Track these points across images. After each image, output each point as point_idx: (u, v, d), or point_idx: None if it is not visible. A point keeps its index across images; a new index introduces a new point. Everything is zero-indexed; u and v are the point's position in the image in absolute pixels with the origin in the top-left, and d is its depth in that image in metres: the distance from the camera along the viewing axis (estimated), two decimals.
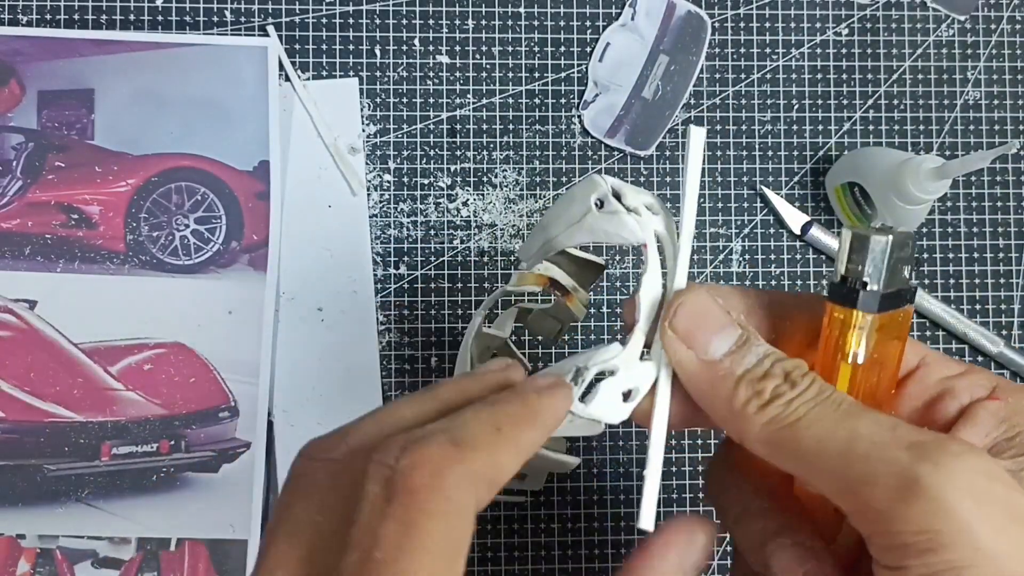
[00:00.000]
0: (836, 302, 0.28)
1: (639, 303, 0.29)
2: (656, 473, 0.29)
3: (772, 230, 0.52)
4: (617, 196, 0.30)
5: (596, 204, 0.30)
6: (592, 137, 0.52)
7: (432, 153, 0.51)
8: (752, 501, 0.30)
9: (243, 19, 0.51)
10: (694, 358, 0.28)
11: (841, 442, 0.24)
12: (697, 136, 0.29)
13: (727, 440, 0.32)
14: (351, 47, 0.51)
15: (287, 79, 0.51)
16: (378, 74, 0.51)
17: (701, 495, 0.51)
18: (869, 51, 0.53)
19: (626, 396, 0.29)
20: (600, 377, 0.29)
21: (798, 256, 0.52)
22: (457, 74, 0.52)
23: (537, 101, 0.52)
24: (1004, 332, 0.53)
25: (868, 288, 0.28)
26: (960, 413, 0.29)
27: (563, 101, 0.52)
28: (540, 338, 0.50)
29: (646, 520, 0.28)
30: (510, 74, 0.52)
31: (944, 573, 0.22)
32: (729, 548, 0.51)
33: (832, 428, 0.25)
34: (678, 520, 0.26)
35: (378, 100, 0.51)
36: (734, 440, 0.28)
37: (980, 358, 0.52)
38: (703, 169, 0.52)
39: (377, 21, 0.51)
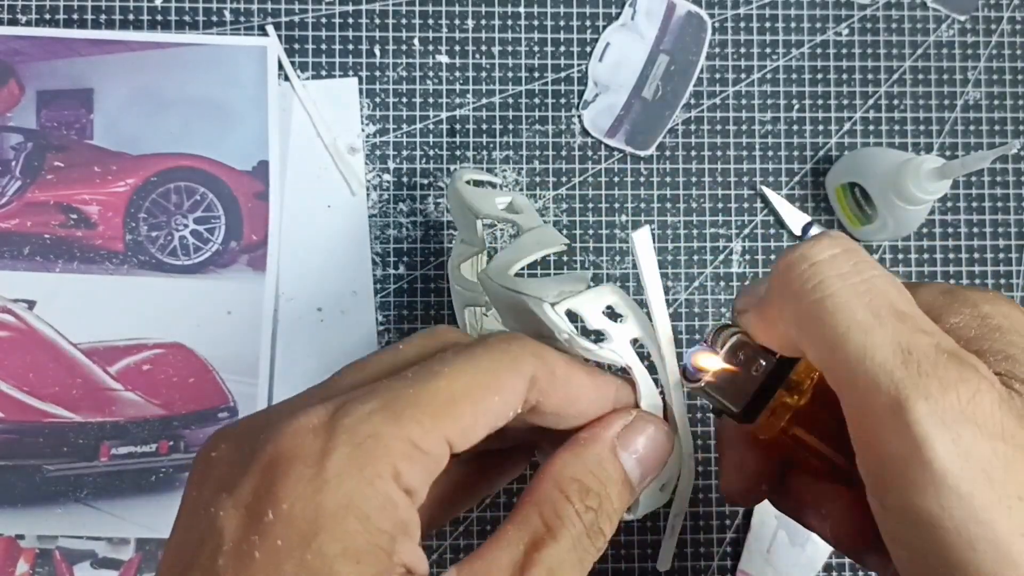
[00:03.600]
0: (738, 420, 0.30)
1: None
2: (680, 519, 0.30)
3: (772, 230, 0.52)
4: (574, 317, 0.29)
5: (564, 340, 0.29)
6: (592, 137, 0.52)
7: (432, 153, 0.51)
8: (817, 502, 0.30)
9: (242, 19, 0.51)
10: (747, 316, 0.29)
11: (861, 344, 0.24)
12: (642, 239, 0.28)
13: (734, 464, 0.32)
14: (350, 47, 0.51)
15: (286, 79, 0.50)
16: (378, 74, 0.51)
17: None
18: (869, 51, 0.53)
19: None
20: None
21: None
22: (457, 74, 0.52)
23: (537, 101, 0.52)
24: None
25: (735, 412, 0.29)
26: None
27: (563, 101, 0.52)
28: None
29: (663, 562, 0.29)
30: (510, 74, 0.52)
31: (913, 510, 0.22)
32: (729, 549, 0.51)
33: (856, 325, 0.24)
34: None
35: (377, 100, 0.51)
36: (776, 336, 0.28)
37: None
38: (704, 170, 0.52)
39: (377, 21, 0.51)
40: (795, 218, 0.52)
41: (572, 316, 0.29)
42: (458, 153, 0.51)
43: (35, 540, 0.48)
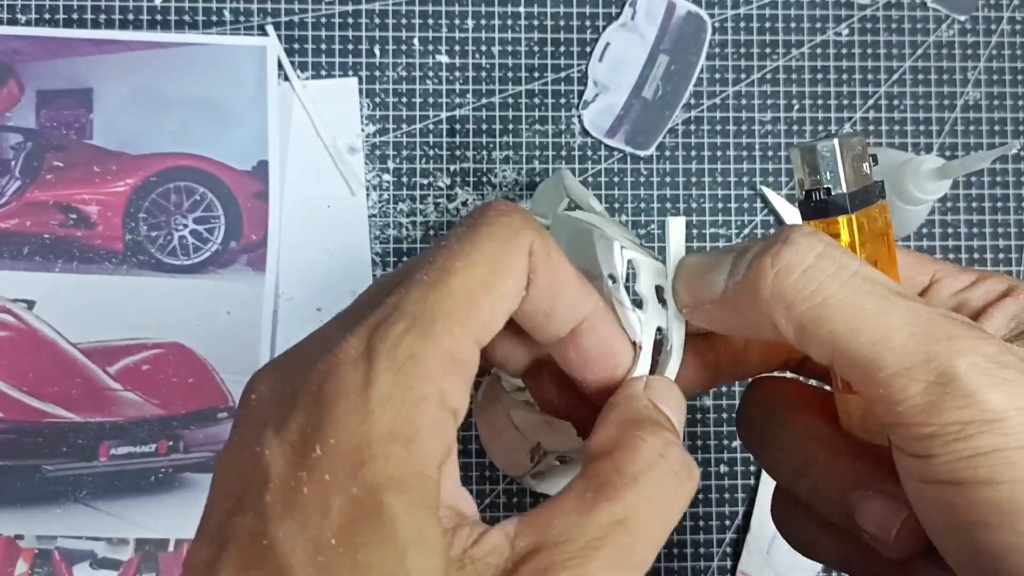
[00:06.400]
0: (810, 218, 0.28)
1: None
2: None
3: (772, 230, 0.52)
4: (632, 273, 0.29)
5: (609, 279, 0.29)
6: (592, 137, 0.52)
7: (431, 153, 0.51)
8: (815, 451, 0.29)
9: (242, 18, 0.51)
10: (705, 309, 0.28)
11: (877, 332, 0.24)
12: (676, 227, 0.29)
13: (764, 390, 0.32)
14: (350, 47, 0.51)
15: (286, 79, 0.50)
16: (377, 74, 0.51)
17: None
18: (869, 51, 0.53)
19: None
20: None
21: None
22: (456, 74, 0.52)
23: (537, 101, 0.52)
24: None
25: (834, 193, 0.28)
26: (975, 318, 0.28)
27: (563, 101, 0.52)
28: None
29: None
30: (510, 74, 0.52)
31: (973, 459, 0.23)
32: (729, 549, 0.51)
33: (866, 316, 0.24)
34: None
35: (377, 100, 0.51)
36: (779, 339, 0.27)
37: None
38: (704, 170, 0.52)
39: (376, 21, 0.51)
40: (795, 218, 0.52)
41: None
42: (458, 153, 0.51)
43: (34, 540, 0.48)
